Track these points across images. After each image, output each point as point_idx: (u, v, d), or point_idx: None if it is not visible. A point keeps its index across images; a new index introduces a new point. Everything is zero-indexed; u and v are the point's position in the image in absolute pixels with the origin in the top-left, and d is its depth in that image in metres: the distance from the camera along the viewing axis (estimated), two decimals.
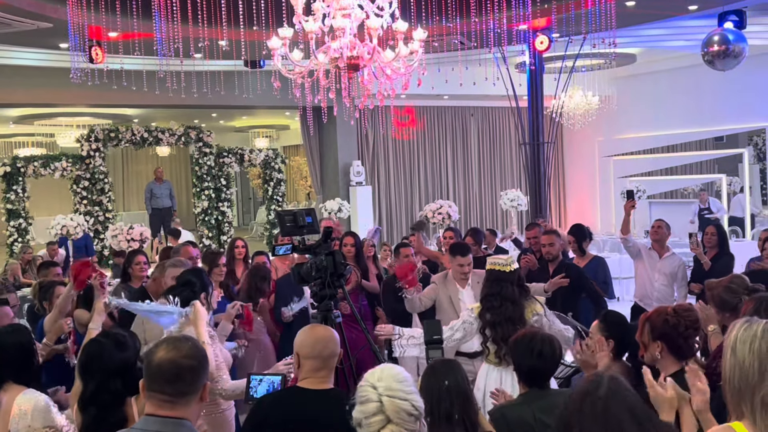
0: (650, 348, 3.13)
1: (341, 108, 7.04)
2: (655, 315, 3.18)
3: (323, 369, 2.92)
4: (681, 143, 15.55)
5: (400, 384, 2.34)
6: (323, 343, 2.95)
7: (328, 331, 3.02)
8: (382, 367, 2.41)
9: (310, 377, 2.93)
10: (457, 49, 9.21)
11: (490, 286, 4.59)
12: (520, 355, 3.26)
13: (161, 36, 7.49)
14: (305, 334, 3.03)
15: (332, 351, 2.94)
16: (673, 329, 3.09)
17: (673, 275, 6.93)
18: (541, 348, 3.20)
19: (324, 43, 5.74)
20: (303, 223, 4.52)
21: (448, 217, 11.20)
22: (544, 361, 3.21)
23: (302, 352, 2.98)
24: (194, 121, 16.16)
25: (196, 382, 2.32)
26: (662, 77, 15.24)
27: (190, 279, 4.22)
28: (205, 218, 14.38)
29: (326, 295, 4.32)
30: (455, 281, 5.60)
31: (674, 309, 3.16)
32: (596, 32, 8.14)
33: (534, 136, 11.23)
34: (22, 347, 3.36)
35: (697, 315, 3.18)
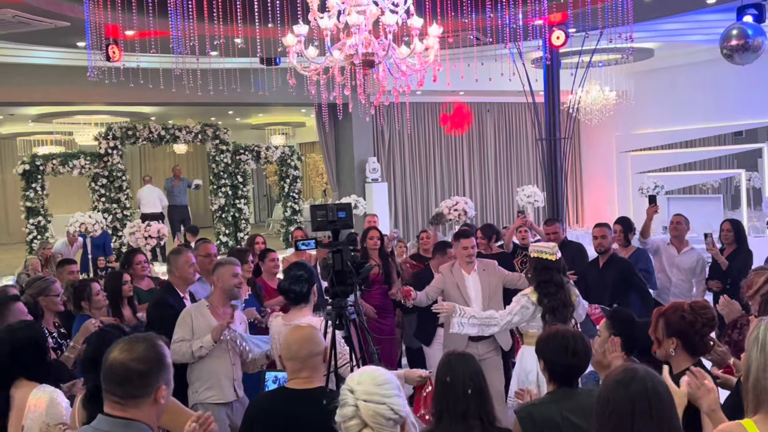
0: (664, 344, 3.10)
1: (356, 104, 7.05)
2: (671, 311, 3.15)
3: (304, 369, 2.97)
4: (699, 138, 15.42)
5: (378, 387, 2.30)
6: (298, 344, 2.98)
7: (304, 332, 3.03)
8: (362, 370, 2.38)
9: (295, 378, 2.98)
10: (473, 45, 9.18)
11: (540, 274, 4.92)
12: (553, 353, 3.16)
13: (177, 34, 7.52)
14: (285, 336, 3.07)
15: (309, 351, 2.96)
16: (689, 326, 3.06)
17: (691, 270, 6.89)
18: (575, 346, 3.14)
19: (339, 39, 5.74)
20: (334, 218, 4.54)
21: (464, 214, 11.15)
22: (579, 359, 3.14)
23: (282, 354, 3.05)
24: (211, 118, 16.21)
25: (147, 385, 2.28)
26: (680, 72, 15.12)
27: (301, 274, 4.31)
28: (222, 215, 14.43)
29: (337, 293, 4.33)
30: (461, 268, 5.74)
31: (690, 305, 3.13)
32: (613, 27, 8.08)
33: (551, 132, 11.17)
34: (35, 343, 3.38)
35: (713, 312, 3.13)
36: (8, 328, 3.48)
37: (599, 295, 6.02)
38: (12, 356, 3.28)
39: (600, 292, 6.11)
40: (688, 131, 15.24)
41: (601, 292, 6.10)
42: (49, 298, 4.85)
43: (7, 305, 4.22)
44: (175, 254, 5.21)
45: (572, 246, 7.09)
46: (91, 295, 5.11)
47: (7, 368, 3.29)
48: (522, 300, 5.01)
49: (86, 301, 5.11)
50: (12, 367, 3.28)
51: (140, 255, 6.19)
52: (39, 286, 4.90)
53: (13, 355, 3.28)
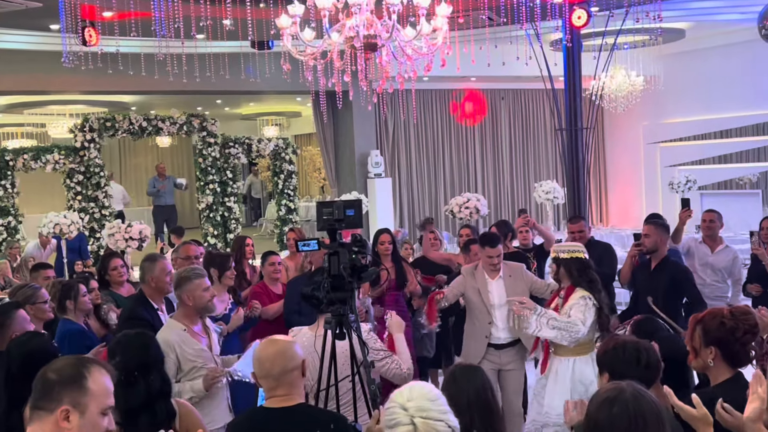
0: (702, 354, 3.11)
1: (357, 92, 7.04)
2: (709, 317, 3.15)
3: (279, 387, 2.99)
4: (736, 128, 15.39)
5: (432, 403, 2.35)
6: (271, 360, 3.00)
7: (277, 346, 3.05)
8: (411, 386, 2.42)
9: (272, 396, 3.01)
10: (485, 26, 9.17)
11: (585, 274, 5.06)
12: (624, 365, 3.13)
13: (160, 15, 7.53)
14: (257, 350, 3.10)
15: (282, 368, 2.98)
16: (729, 334, 3.06)
17: (727, 270, 6.90)
18: (648, 358, 3.15)
19: (338, 20, 5.75)
20: (341, 216, 4.55)
21: (476, 212, 11.16)
22: (651, 372, 3.14)
23: (255, 371, 3.08)
24: (197, 108, 16.23)
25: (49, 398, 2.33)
26: (714, 54, 15.09)
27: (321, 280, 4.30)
28: (210, 215, 14.45)
29: (334, 300, 4.34)
30: (485, 272, 5.79)
31: (731, 311, 3.13)
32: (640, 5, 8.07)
33: (571, 122, 11.15)
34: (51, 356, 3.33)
35: (755, 319, 3.15)
36: (17, 342, 3.46)
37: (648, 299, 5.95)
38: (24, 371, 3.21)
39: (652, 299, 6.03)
40: (723, 120, 15.21)
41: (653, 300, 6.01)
42: (36, 306, 4.83)
43: (9, 314, 4.20)
44: (150, 261, 5.13)
45: (599, 246, 7.06)
46: (77, 296, 5.12)
47: (18, 386, 3.21)
48: (589, 303, 5.05)
49: (72, 301, 5.12)
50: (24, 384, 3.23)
51: (117, 259, 6.20)
52: (24, 293, 4.88)
53: (25, 370, 3.19)
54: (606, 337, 4.53)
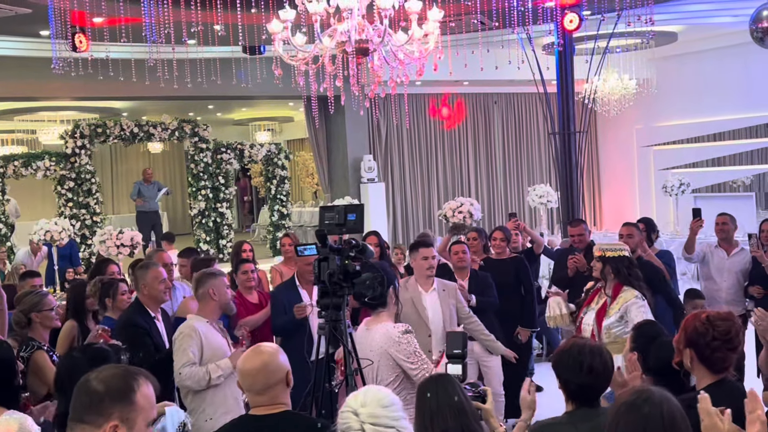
0: (683, 355, 3.12)
1: (350, 97, 7.06)
2: (690, 319, 3.17)
3: (263, 396, 3.00)
4: (729, 130, 15.42)
5: (385, 410, 2.32)
6: (252, 376, 3.01)
7: (262, 358, 3.04)
8: (366, 390, 2.39)
9: (257, 405, 3.02)
10: (477, 30, 9.19)
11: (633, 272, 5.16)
12: (567, 370, 3.15)
13: (151, 21, 7.53)
14: (240, 361, 3.11)
15: (264, 383, 2.99)
16: (700, 338, 3.06)
17: (744, 273, 6.93)
18: (591, 362, 3.11)
19: (329, 25, 5.75)
20: (343, 221, 4.56)
21: (469, 216, 11.16)
22: (595, 377, 3.11)
23: (239, 380, 3.10)
24: (189, 114, 16.21)
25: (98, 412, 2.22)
26: (707, 57, 15.14)
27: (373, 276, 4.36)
28: (202, 221, 14.43)
29: (327, 305, 4.34)
30: (418, 284, 5.73)
31: (708, 315, 3.12)
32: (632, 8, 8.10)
33: (564, 125, 11.18)
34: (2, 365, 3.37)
35: (730, 326, 3.09)
36: None
37: None
38: None
39: None
40: (716, 123, 15.26)
41: None
42: (43, 314, 4.81)
43: None
44: (143, 269, 5.15)
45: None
46: (116, 294, 5.24)
47: None
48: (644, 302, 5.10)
49: (111, 299, 5.22)
50: None
51: (113, 265, 6.19)
52: (30, 301, 4.87)
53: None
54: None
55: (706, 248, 7.25)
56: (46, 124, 16.83)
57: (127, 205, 19.29)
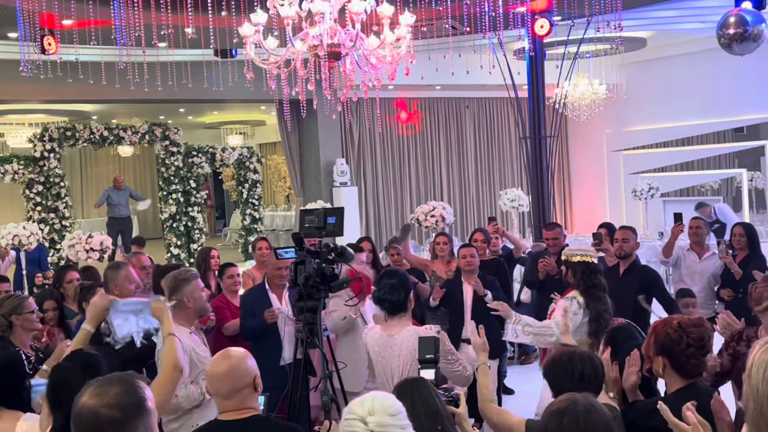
0: (654, 363, 3.13)
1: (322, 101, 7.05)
2: (661, 326, 3.17)
3: (230, 400, 2.99)
4: (697, 135, 15.62)
5: (392, 418, 2.30)
6: (219, 380, 3.00)
7: (230, 362, 3.03)
8: (373, 397, 2.36)
9: (224, 410, 3.01)
10: (449, 35, 9.23)
11: (587, 279, 5.09)
12: (559, 378, 3.17)
13: (120, 23, 7.47)
14: (208, 365, 3.10)
15: (231, 387, 2.98)
16: (674, 345, 3.08)
17: (715, 276, 7.01)
18: (582, 369, 3.14)
19: (301, 29, 5.73)
20: (322, 224, 4.55)
21: (441, 220, 11.20)
22: (587, 384, 3.11)
23: (206, 384, 3.09)
24: (159, 117, 16.10)
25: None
26: (675, 63, 15.33)
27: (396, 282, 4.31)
28: (173, 225, 14.32)
29: (303, 308, 4.34)
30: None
31: (680, 321, 3.14)
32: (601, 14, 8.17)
33: (535, 130, 11.25)
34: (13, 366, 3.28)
35: (703, 332, 3.13)
36: None
37: (620, 306, 5.94)
38: None
39: (621, 303, 6.02)
40: (684, 128, 15.44)
41: (623, 303, 5.99)
42: (23, 317, 4.71)
43: None
44: (114, 269, 5.08)
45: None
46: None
47: None
48: (573, 306, 5.09)
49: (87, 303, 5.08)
50: None
51: (72, 272, 6.11)
52: (10, 304, 4.77)
53: None
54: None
55: (679, 251, 7.34)
56: (14, 128, 16.62)
57: (97, 209, 19.11)
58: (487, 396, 3.61)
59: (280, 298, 5.76)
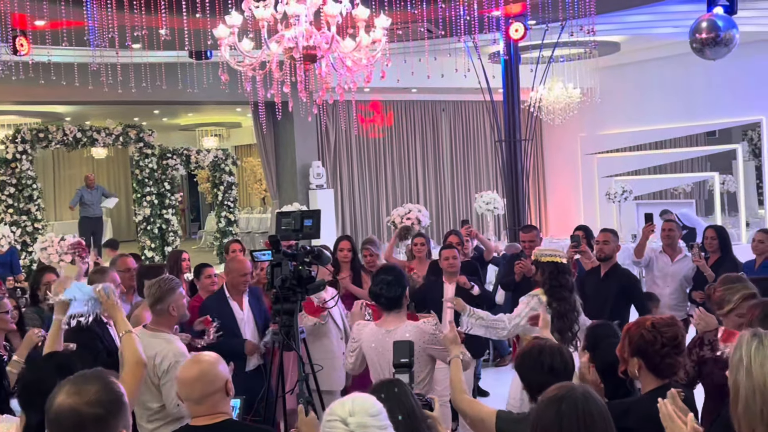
0: (629, 364, 3.16)
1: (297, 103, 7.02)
2: (634, 328, 3.20)
3: (202, 405, 2.98)
4: (670, 139, 15.78)
5: (373, 419, 2.30)
6: (190, 385, 2.99)
7: (200, 367, 3.02)
8: (354, 398, 2.37)
9: (196, 415, 3.00)
10: (425, 38, 9.25)
11: (553, 279, 5.14)
12: (529, 370, 3.23)
13: (94, 24, 7.40)
14: (179, 371, 3.09)
15: (202, 392, 2.97)
16: (649, 346, 3.11)
17: (687, 279, 7.07)
18: (552, 362, 3.20)
19: (277, 31, 5.72)
20: (299, 227, 4.54)
21: (417, 223, 11.22)
22: (556, 376, 3.16)
23: (177, 390, 3.07)
24: (134, 119, 15.98)
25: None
26: (649, 67, 15.47)
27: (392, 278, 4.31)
28: (148, 227, 14.22)
29: (279, 311, 4.33)
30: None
31: (653, 322, 3.17)
32: (575, 19, 8.23)
33: (510, 133, 11.31)
34: None
35: (676, 331, 3.16)
36: None
37: (598, 308, 6.01)
38: None
39: (599, 305, 6.11)
40: (657, 131, 15.58)
41: (601, 305, 6.10)
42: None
43: None
44: (99, 274, 5.09)
45: None
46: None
47: None
48: (531, 302, 5.17)
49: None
50: None
51: (50, 274, 6.04)
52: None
53: None
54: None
55: (651, 253, 7.40)
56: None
57: (69, 211, 18.92)
58: (459, 387, 3.65)
59: (241, 304, 5.67)
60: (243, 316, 5.63)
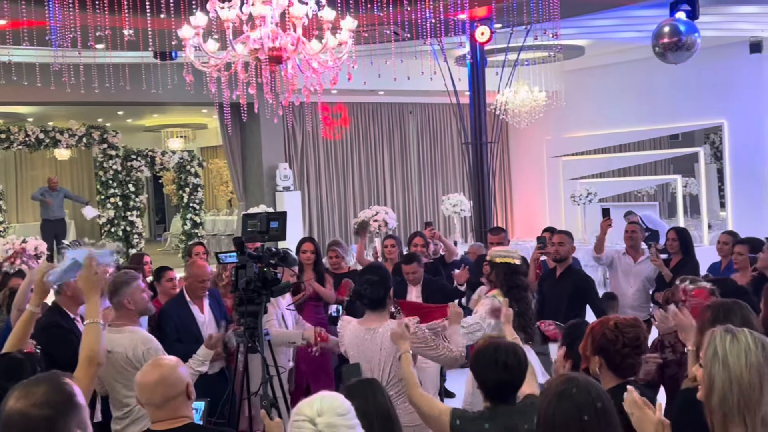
0: (591, 362, 3.21)
1: (263, 105, 7.03)
2: (597, 326, 3.26)
3: (162, 410, 2.96)
4: (634, 142, 15.97)
5: (341, 418, 2.30)
6: (150, 389, 2.96)
7: (161, 371, 2.99)
8: (321, 397, 2.36)
9: (156, 420, 2.97)
10: (391, 41, 9.27)
11: (508, 279, 5.16)
12: (483, 368, 3.27)
13: (56, 24, 7.32)
14: (139, 374, 3.05)
15: (163, 396, 2.94)
16: (610, 345, 3.16)
17: (649, 280, 7.17)
18: (506, 358, 3.23)
19: (242, 32, 5.70)
20: (265, 229, 4.53)
21: (384, 225, 11.24)
22: (510, 373, 3.23)
23: (137, 394, 3.03)
24: (98, 119, 15.80)
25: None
26: (613, 71, 15.64)
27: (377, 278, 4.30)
28: (112, 229, 14.07)
29: (243, 313, 4.32)
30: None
31: (616, 322, 3.22)
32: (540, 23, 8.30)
33: (477, 136, 11.37)
34: None
35: (638, 332, 3.21)
36: None
37: (554, 308, 6.13)
38: None
39: (555, 305, 6.22)
40: (621, 134, 15.76)
41: (557, 305, 6.21)
42: None
43: None
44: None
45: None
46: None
47: None
48: (495, 303, 5.13)
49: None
50: None
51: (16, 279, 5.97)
52: None
53: None
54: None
55: (615, 254, 7.48)
56: None
57: (32, 213, 18.63)
58: (412, 381, 3.69)
59: (201, 308, 5.62)
60: (204, 320, 5.58)
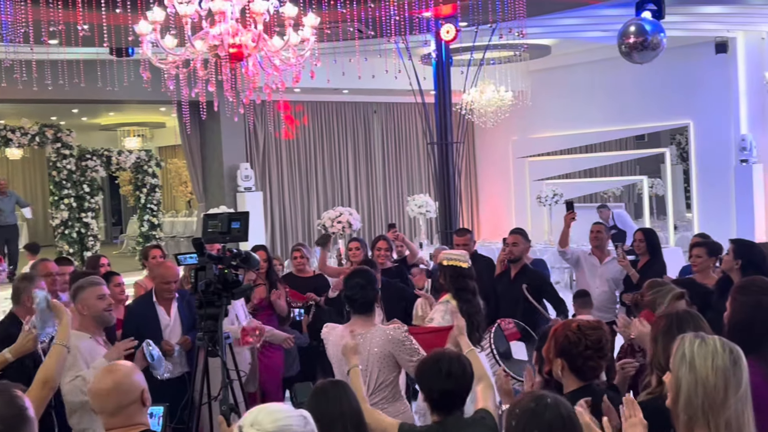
0: (553, 365, 3.23)
1: (223, 103, 6.98)
2: (560, 329, 3.28)
3: (116, 417, 2.91)
4: (600, 143, 16.13)
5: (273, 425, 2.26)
6: (103, 397, 2.92)
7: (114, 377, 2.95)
8: (260, 408, 2.34)
9: (111, 428, 2.92)
10: (355, 38, 9.26)
11: (456, 282, 5.19)
12: (428, 379, 3.29)
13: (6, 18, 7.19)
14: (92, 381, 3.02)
15: (117, 404, 2.90)
16: (573, 347, 3.18)
17: (615, 281, 7.24)
18: (449, 367, 3.26)
19: (201, 28, 5.65)
20: (227, 229, 4.50)
21: (348, 226, 11.23)
22: (454, 382, 3.25)
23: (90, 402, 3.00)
24: (51, 118, 15.57)
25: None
26: (579, 70, 15.78)
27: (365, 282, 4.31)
28: (66, 231, 13.85)
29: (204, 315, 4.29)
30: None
31: (579, 324, 3.25)
32: (505, 21, 8.35)
33: (442, 136, 11.39)
34: None
35: (601, 335, 3.23)
36: None
37: (511, 308, 6.16)
38: None
39: (512, 306, 6.26)
40: (587, 135, 15.92)
41: (513, 306, 6.25)
42: None
43: None
44: (26, 281, 4.95)
45: (482, 260, 7.23)
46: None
47: None
48: (443, 308, 5.21)
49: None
50: None
51: None
52: None
53: None
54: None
55: (581, 254, 7.55)
56: None
57: None
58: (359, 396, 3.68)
59: (168, 310, 5.56)
60: (169, 322, 5.52)
